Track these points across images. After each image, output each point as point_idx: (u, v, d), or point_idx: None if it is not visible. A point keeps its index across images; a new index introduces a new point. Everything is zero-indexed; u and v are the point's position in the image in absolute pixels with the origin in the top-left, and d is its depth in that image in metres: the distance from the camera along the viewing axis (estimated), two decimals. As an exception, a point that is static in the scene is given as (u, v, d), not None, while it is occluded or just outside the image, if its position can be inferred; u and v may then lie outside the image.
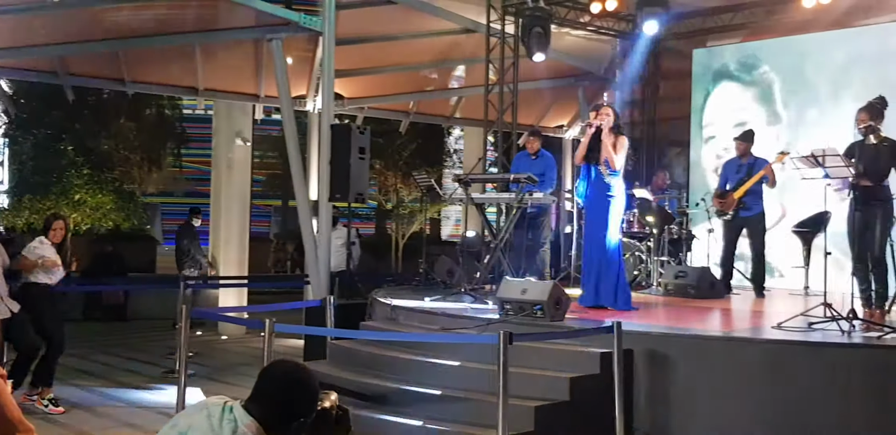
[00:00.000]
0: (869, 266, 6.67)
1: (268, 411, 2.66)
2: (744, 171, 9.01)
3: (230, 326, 12.11)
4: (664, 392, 5.75)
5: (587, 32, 12.62)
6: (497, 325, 6.24)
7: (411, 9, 11.25)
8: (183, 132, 20.98)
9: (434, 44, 12.68)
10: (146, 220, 19.68)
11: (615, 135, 7.38)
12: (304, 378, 2.74)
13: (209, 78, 12.10)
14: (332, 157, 9.15)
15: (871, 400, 5.31)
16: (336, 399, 2.91)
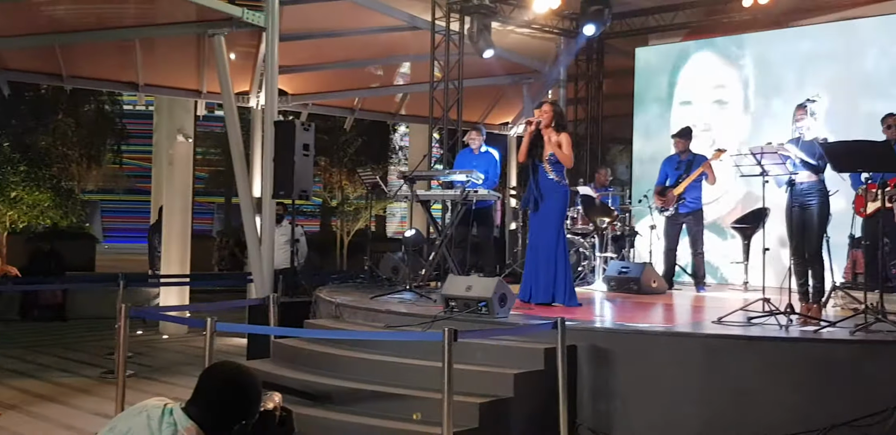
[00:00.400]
0: (806, 261, 6.80)
1: (208, 414, 2.62)
2: (683, 167, 9.16)
3: (172, 326, 11.94)
4: (607, 387, 5.80)
5: (532, 30, 12.68)
6: (442, 322, 6.25)
7: (356, 5, 11.19)
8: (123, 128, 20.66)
9: (379, 40, 12.63)
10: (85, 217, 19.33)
11: (557, 132, 7.43)
12: (245, 380, 2.70)
13: (150, 73, 11.90)
14: (276, 153, 9.07)
15: (807, 393, 5.41)
16: (280, 400, 2.88)
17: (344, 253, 19.50)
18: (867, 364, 5.41)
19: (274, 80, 9.39)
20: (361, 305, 7.37)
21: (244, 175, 9.76)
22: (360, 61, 13.35)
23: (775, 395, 5.46)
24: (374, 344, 6.43)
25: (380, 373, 6.08)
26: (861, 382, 5.36)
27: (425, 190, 9.54)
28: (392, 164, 23.83)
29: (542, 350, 5.76)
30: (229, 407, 2.65)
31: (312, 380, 6.14)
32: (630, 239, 10.46)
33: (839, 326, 5.97)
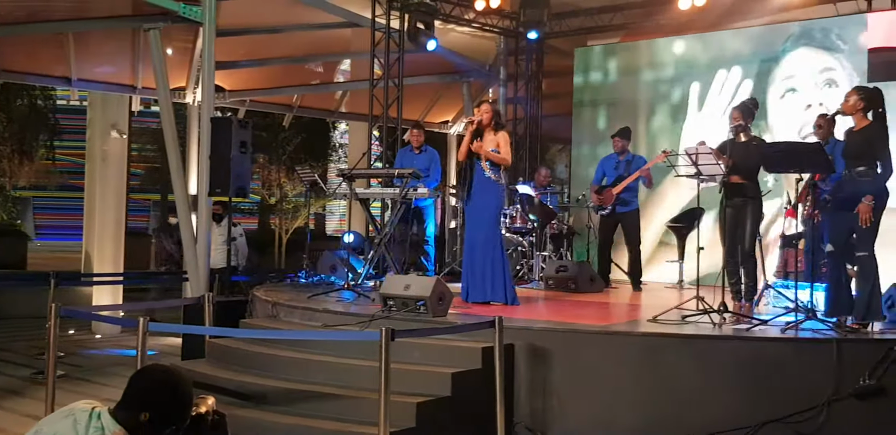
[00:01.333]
0: (739, 261, 6.92)
1: (137, 418, 2.57)
2: (622, 167, 9.26)
3: (105, 326, 11.71)
4: (544, 385, 5.83)
5: (472, 29, 12.70)
6: (380, 321, 6.22)
7: (295, 1, 11.10)
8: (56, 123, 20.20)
9: (319, 37, 12.55)
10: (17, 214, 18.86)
11: (495, 131, 7.47)
12: (176, 383, 2.65)
13: (83, 68, 11.67)
14: (213, 150, 8.93)
15: (740, 390, 5.50)
16: (213, 404, 2.83)
17: (282, 251, 19.32)
18: (798, 361, 5.52)
19: (211, 76, 9.25)
20: (298, 304, 7.30)
21: (180, 172, 9.62)
22: (300, 58, 13.27)
23: (709, 392, 5.54)
24: (310, 344, 6.37)
25: (317, 373, 6.02)
26: (792, 379, 5.46)
27: (364, 188, 9.49)
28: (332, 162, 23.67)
29: (479, 349, 5.76)
30: (159, 411, 2.59)
31: (248, 380, 6.06)
32: (568, 238, 10.55)
33: (770, 324, 6.09)
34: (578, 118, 12.37)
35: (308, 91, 14.48)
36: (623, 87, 11.96)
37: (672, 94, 11.45)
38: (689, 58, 11.37)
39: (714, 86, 11.01)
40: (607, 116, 11.93)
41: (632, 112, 11.71)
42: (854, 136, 6.09)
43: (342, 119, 17.12)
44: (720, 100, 10.78)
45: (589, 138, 12.13)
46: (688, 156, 6.67)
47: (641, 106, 11.71)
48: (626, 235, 9.29)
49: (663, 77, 11.58)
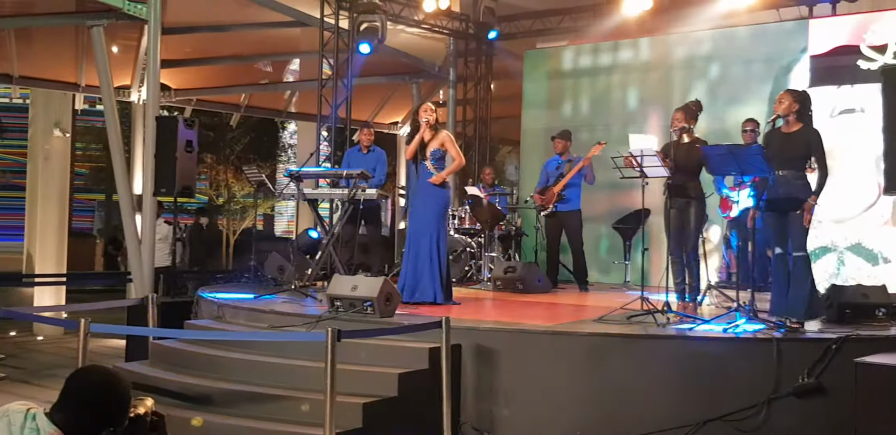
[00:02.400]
0: (683, 261, 7.01)
1: (73, 420, 2.52)
2: (563, 167, 9.34)
3: (47, 327, 11.50)
4: (490, 386, 5.85)
5: (422, 30, 12.71)
6: (326, 322, 6.19)
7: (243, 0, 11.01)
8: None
9: (267, 36, 12.47)
10: (-45, 214, 18.42)
11: (436, 130, 7.52)
12: (113, 384, 2.61)
13: (25, 65, 11.46)
14: (158, 150, 8.83)
15: (683, 389, 5.58)
16: (152, 405, 2.79)
17: (230, 252, 19.15)
18: (738, 360, 5.61)
19: (156, 75, 9.14)
20: (244, 305, 7.24)
21: (124, 172, 9.48)
22: (247, 57, 13.17)
23: (654, 391, 5.61)
24: (256, 345, 6.31)
25: (262, 374, 5.97)
26: (734, 377, 5.56)
27: (313, 189, 9.44)
28: (281, 162, 23.52)
29: (426, 349, 5.76)
30: (95, 412, 2.55)
31: (192, 382, 5.99)
32: (516, 239, 10.61)
33: (713, 323, 6.18)
34: (527, 120, 12.43)
35: (256, 90, 14.38)
36: (571, 89, 12.04)
37: (619, 96, 11.55)
38: (635, 61, 11.49)
39: (660, 89, 11.14)
40: (556, 119, 12.00)
41: (580, 115, 11.80)
42: (789, 139, 6.20)
43: (291, 119, 17.04)
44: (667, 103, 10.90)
45: (538, 140, 12.19)
46: (632, 157, 6.73)
47: (589, 109, 11.80)
48: (568, 234, 9.35)
49: (611, 80, 11.69)
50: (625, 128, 11.27)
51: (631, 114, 11.40)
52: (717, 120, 9.93)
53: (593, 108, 11.78)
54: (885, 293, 6.70)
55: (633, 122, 11.29)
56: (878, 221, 9.37)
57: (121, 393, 2.61)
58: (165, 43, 9.40)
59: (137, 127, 12.33)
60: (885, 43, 9.41)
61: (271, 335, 6.34)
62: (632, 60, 11.52)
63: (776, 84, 9.99)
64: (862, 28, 9.63)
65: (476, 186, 10.69)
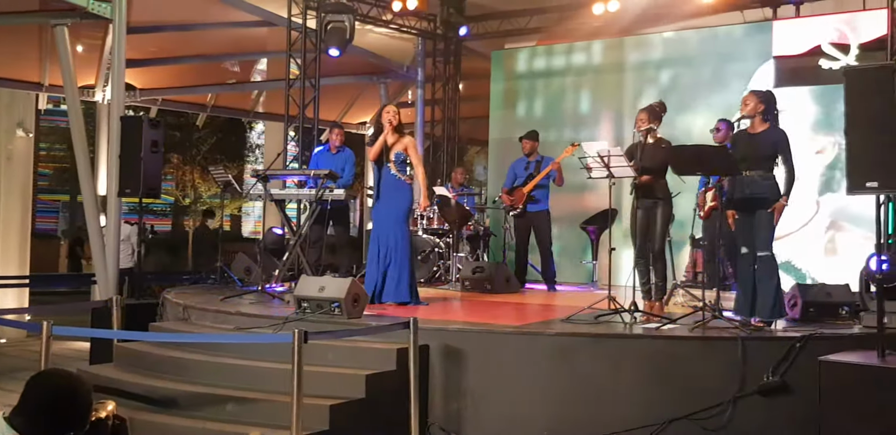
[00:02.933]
0: (650, 260, 7.05)
1: (33, 424, 2.49)
2: (532, 167, 9.36)
3: (10, 330, 11.32)
4: (458, 386, 5.85)
5: (390, 30, 12.68)
6: (293, 323, 6.16)
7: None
8: (-42, 121, 19.46)
9: (234, 35, 12.37)
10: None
11: (399, 133, 7.54)
12: (73, 388, 2.57)
13: (-14, 64, 11.30)
14: (123, 150, 8.74)
15: (649, 388, 5.61)
16: (113, 409, 2.76)
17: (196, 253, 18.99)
18: (704, 359, 5.65)
19: (121, 74, 9.04)
20: (210, 306, 7.17)
21: (88, 172, 9.36)
22: (214, 57, 13.06)
23: (620, 390, 5.64)
24: (222, 347, 6.26)
25: (228, 376, 5.93)
26: (700, 376, 5.60)
27: (280, 189, 9.39)
28: (248, 163, 23.39)
29: (394, 350, 5.75)
30: (55, 416, 2.52)
31: (157, 385, 5.94)
32: (485, 239, 10.62)
33: (679, 322, 6.22)
34: (495, 120, 12.44)
35: (223, 90, 14.27)
36: (539, 89, 12.08)
37: (588, 97, 11.60)
38: (602, 61, 11.55)
39: (629, 89, 11.21)
40: (524, 119, 12.03)
41: (549, 115, 11.83)
42: (755, 139, 6.26)
43: (258, 119, 16.92)
44: (634, 103, 10.97)
45: (506, 141, 12.21)
46: (599, 157, 6.76)
47: (558, 109, 11.85)
48: (537, 234, 9.38)
49: (579, 80, 11.73)
50: (594, 128, 11.35)
51: (598, 114, 11.45)
52: (677, 121, 10.04)
53: (561, 108, 11.82)
54: (849, 292, 6.78)
55: (600, 122, 11.37)
56: (811, 239, 9.52)
57: (81, 397, 2.58)
58: (130, 42, 9.30)
59: (102, 127, 12.19)
60: (848, 43, 9.53)
61: (237, 337, 6.30)
62: (601, 61, 11.58)
63: (741, 85, 10.09)
64: (825, 30, 9.75)
65: (444, 186, 10.69)
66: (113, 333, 6.81)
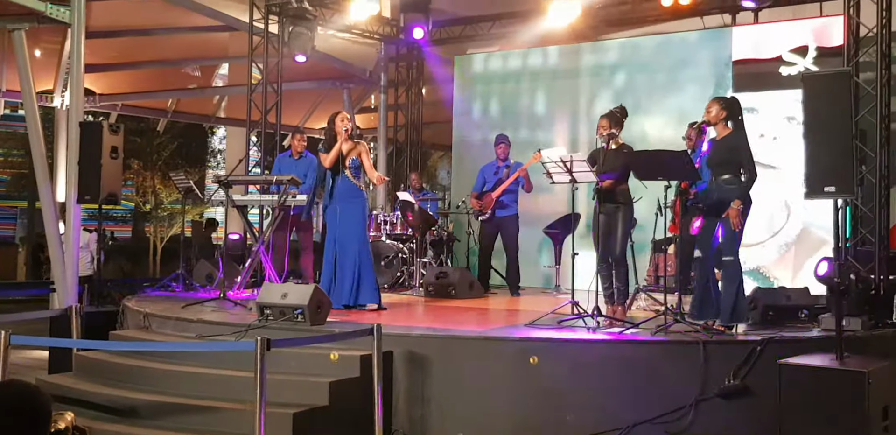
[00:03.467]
0: (612, 265, 7.10)
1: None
2: (501, 172, 9.38)
3: (-34, 339, 11.12)
4: (423, 393, 5.84)
5: (353, 35, 12.66)
6: (256, 331, 6.11)
7: (169, 3, 10.83)
8: (-88, 126, 19.14)
9: (195, 40, 12.30)
10: None
11: (353, 141, 7.59)
12: (31, 399, 2.53)
13: (-59, 68, 11.12)
14: (81, 156, 8.65)
15: (613, 392, 5.64)
16: (72, 419, 2.73)
17: (157, 260, 18.78)
18: (666, 363, 5.70)
19: (79, 79, 8.94)
20: (171, 314, 7.10)
21: (46, 179, 9.26)
22: (175, 62, 12.96)
23: (584, 395, 5.66)
24: (184, 355, 6.21)
25: (190, 385, 5.88)
26: (661, 380, 5.64)
27: (242, 195, 9.33)
28: (210, 168, 23.22)
29: (358, 357, 5.73)
30: (14, 428, 2.47)
31: (118, 394, 5.87)
32: (448, 244, 10.62)
33: (642, 327, 6.26)
34: (458, 125, 12.46)
35: (184, 96, 14.17)
36: (502, 95, 12.11)
37: (551, 102, 11.66)
38: (565, 67, 11.61)
39: (590, 95, 11.28)
40: (487, 124, 12.06)
41: (511, 120, 11.87)
42: (718, 145, 6.33)
43: (220, 124, 16.81)
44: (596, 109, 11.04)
45: (469, 145, 12.25)
46: (562, 163, 6.79)
47: (520, 114, 11.89)
48: (504, 239, 9.40)
49: (541, 86, 11.78)
50: (549, 131, 11.41)
51: (562, 119, 11.51)
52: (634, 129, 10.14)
53: (522, 112, 11.86)
54: (808, 295, 6.87)
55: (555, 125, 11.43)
56: (781, 249, 9.65)
57: (39, 408, 2.53)
58: (90, 47, 9.22)
59: (61, 133, 12.05)
60: (805, 49, 9.67)
61: (198, 345, 6.25)
62: (561, 66, 11.64)
63: (698, 90, 10.21)
64: (783, 36, 9.89)
65: (407, 192, 10.68)
66: (72, 342, 6.72)
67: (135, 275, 15.98)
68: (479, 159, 10.75)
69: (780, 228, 9.64)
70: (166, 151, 19.31)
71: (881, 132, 7.33)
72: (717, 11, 10.80)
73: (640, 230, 8.02)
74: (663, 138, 9.79)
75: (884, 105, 7.36)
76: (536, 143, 11.23)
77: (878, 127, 7.32)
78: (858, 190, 6.77)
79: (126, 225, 24.26)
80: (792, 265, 9.63)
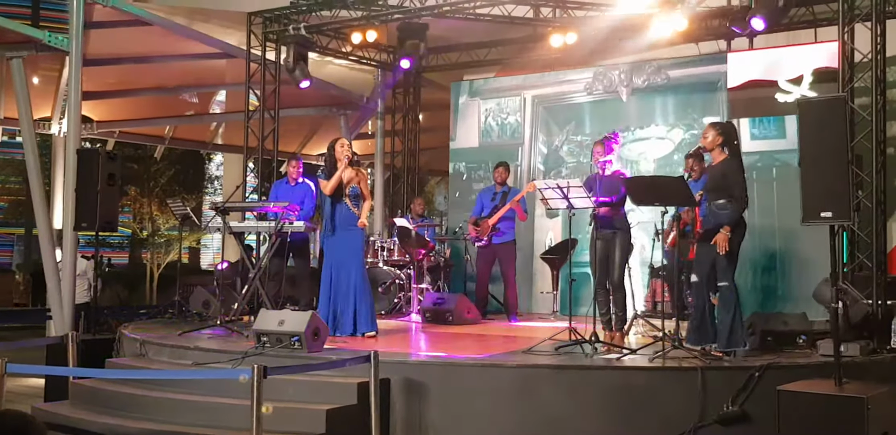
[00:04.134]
0: (609, 291, 7.09)
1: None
2: (499, 198, 9.38)
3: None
4: (420, 420, 5.81)
5: (349, 62, 12.73)
6: (252, 358, 6.08)
7: (167, 31, 10.89)
8: (-90, 153, 19.18)
9: (193, 67, 12.35)
10: None
11: (354, 168, 7.60)
12: (25, 429, 2.52)
13: (-60, 96, 11.16)
14: (79, 183, 8.65)
15: (611, 418, 5.62)
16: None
17: (154, 287, 18.71)
18: (665, 390, 5.67)
19: (77, 107, 8.98)
20: (168, 341, 7.08)
21: (43, 205, 9.26)
22: (172, 89, 13.00)
23: (582, 421, 5.63)
24: (180, 383, 6.17)
25: (186, 413, 5.85)
26: (660, 406, 5.61)
27: (239, 221, 9.33)
28: (207, 194, 23.23)
29: (355, 384, 5.70)
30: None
31: (114, 422, 5.83)
32: (445, 270, 10.60)
33: (640, 353, 6.25)
34: (455, 151, 12.49)
35: (181, 122, 14.21)
36: (498, 120, 12.13)
37: (548, 127, 11.69)
38: (563, 92, 11.65)
39: (588, 120, 11.33)
40: (484, 150, 12.08)
41: (508, 146, 11.89)
42: (713, 171, 6.35)
43: (217, 151, 16.85)
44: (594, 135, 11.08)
45: (466, 171, 12.26)
46: (559, 189, 6.80)
47: (517, 140, 11.90)
48: (501, 265, 9.40)
49: (538, 111, 11.80)
50: (554, 158, 11.45)
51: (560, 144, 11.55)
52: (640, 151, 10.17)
53: (521, 139, 11.88)
54: (806, 321, 6.86)
55: (558, 152, 11.46)
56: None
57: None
58: (87, 74, 9.26)
59: (58, 160, 12.07)
60: (801, 74, 9.73)
61: (194, 373, 6.21)
62: (559, 91, 11.68)
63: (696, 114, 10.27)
64: (778, 61, 9.95)
65: (405, 217, 10.68)
66: (68, 370, 6.69)
67: (131, 302, 15.92)
68: (477, 185, 10.77)
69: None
70: (163, 178, 19.32)
71: (877, 157, 7.35)
72: (712, 38, 10.88)
73: (638, 255, 8.02)
74: (658, 164, 9.84)
75: (879, 130, 7.38)
76: (534, 170, 11.29)
77: (874, 152, 7.33)
78: (855, 215, 6.76)
79: (123, 251, 24.22)
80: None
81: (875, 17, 7.44)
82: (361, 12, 10.61)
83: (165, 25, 10.80)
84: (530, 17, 10.64)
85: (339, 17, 10.74)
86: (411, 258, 9.97)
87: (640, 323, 7.75)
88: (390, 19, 10.66)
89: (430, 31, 11.02)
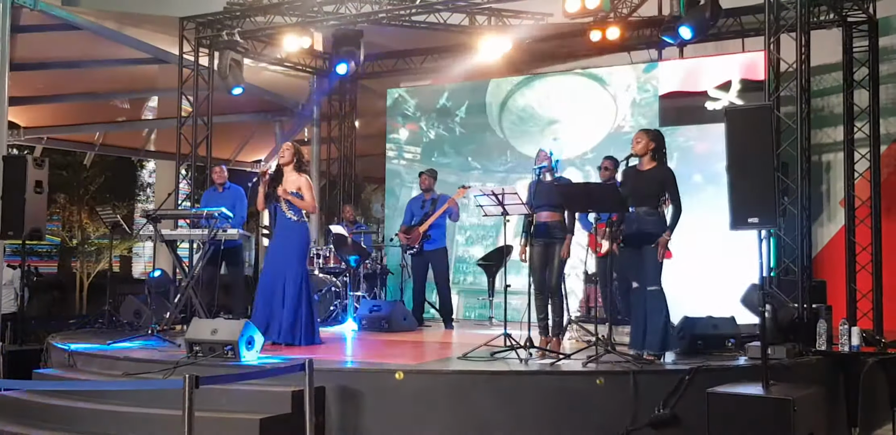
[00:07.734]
0: (546, 297, 7.14)
1: None
2: (428, 206, 9.42)
3: None
4: (356, 427, 5.78)
5: (284, 68, 12.64)
6: (185, 368, 5.99)
7: (96, 36, 10.69)
8: None
9: (124, 73, 12.15)
10: None
11: (298, 171, 7.47)
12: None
13: None
14: (5, 191, 8.45)
15: (546, 423, 5.65)
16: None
17: (84, 296, 18.29)
18: (598, 394, 5.73)
19: (3, 112, 8.78)
20: (97, 352, 6.93)
21: (-32, 214, 8.99)
22: (103, 94, 12.77)
23: (517, 427, 5.66)
24: (110, 394, 6.04)
25: (117, 425, 5.72)
26: (594, 410, 5.68)
27: (171, 229, 9.19)
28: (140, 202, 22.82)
29: (289, 393, 5.65)
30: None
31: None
32: (382, 277, 10.59)
33: (574, 358, 6.31)
34: (391, 158, 12.49)
35: (112, 129, 13.95)
36: (433, 127, 12.18)
37: (483, 135, 11.76)
38: (496, 100, 11.74)
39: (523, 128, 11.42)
40: (419, 157, 12.12)
41: (442, 153, 11.94)
42: (643, 177, 6.44)
43: (149, 157, 16.58)
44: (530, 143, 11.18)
45: (402, 178, 12.27)
46: (494, 195, 6.85)
47: (452, 147, 11.96)
48: (434, 273, 9.42)
49: (473, 119, 11.88)
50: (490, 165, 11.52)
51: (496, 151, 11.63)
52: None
53: (456, 146, 11.94)
54: (734, 324, 7.00)
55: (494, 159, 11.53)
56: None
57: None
58: (14, 79, 9.07)
59: (-17, 166, 11.73)
60: (728, 80, 9.97)
61: (124, 384, 6.10)
62: (493, 99, 11.77)
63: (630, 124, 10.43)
64: (707, 70, 10.17)
65: (340, 225, 10.65)
66: (-8, 382, 6.50)
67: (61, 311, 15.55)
68: (413, 192, 10.77)
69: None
70: (94, 185, 18.94)
71: (802, 164, 7.54)
72: (644, 47, 11.07)
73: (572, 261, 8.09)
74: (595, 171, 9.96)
75: (804, 138, 7.58)
76: (469, 177, 11.34)
77: (799, 159, 7.53)
78: (781, 221, 6.93)
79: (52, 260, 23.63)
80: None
81: (800, 28, 7.66)
82: (296, 18, 10.56)
83: (95, 30, 10.60)
84: (465, 25, 10.70)
85: (273, 22, 10.68)
86: (347, 265, 9.93)
87: (575, 328, 7.83)
88: (325, 26, 10.63)
89: (366, 38, 11.02)
